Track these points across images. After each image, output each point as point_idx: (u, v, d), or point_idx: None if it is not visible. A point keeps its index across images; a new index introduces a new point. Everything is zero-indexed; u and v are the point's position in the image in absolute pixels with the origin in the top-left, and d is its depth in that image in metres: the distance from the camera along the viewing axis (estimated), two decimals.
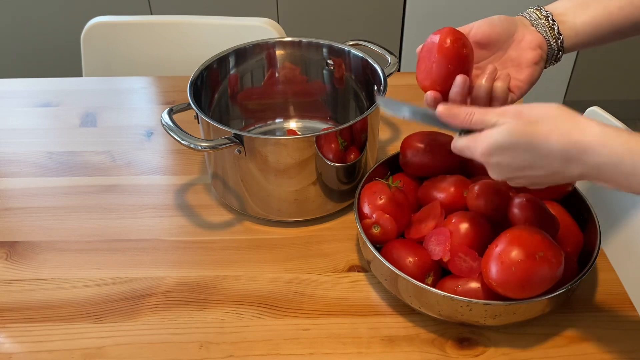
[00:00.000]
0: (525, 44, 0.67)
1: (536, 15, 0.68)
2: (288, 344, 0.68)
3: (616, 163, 0.51)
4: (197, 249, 0.81)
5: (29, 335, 0.69)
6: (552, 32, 0.67)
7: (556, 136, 0.53)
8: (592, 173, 0.53)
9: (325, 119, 1.01)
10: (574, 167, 0.53)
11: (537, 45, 0.67)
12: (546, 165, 0.55)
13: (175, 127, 0.75)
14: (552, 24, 0.67)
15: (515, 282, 0.61)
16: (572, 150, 0.52)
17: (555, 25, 0.67)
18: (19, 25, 2.11)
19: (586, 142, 0.52)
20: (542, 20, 0.68)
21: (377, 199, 0.73)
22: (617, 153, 0.51)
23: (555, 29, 0.67)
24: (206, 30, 1.30)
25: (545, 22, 0.68)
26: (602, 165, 0.52)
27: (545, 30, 0.67)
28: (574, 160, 0.53)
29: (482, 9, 2.02)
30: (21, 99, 1.11)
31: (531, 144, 0.54)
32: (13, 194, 0.90)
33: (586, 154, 0.52)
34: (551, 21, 0.67)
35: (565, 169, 0.54)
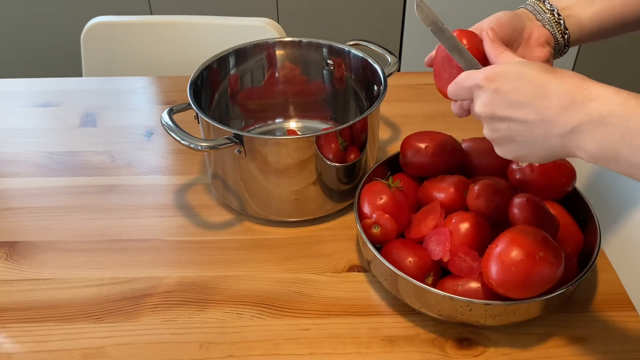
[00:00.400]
0: (534, 41, 0.66)
1: (540, 8, 0.67)
2: (288, 344, 0.68)
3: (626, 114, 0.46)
4: (197, 249, 0.81)
5: (29, 335, 0.69)
6: (559, 28, 0.66)
7: (570, 79, 0.50)
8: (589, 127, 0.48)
9: (325, 119, 1.01)
10: (572, 115, 0.48)
11: (545, 41, 0.66)
12: (542, 107, 0.50)
13: (175, 127, 0.75)
14: (558, 19, 0.66)
15: (515, 282, 0.61)
16: (580, 95, 0.48)
17: (562, 20, 0.66)
18: (19, 25, 2.11)
19: (598, 90, 0.48)
20: (546, 14, 0.67)
21: (377, 199, 0.73)
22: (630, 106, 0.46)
23: (562, 24, 0.66)
24: (206, 30, 1.30)
25: (551, 17, 0.66)
26: (608, 115, 0.47)
27: (552, 26, 0.66)
28: (576, 106, 0.48)
29: (482, 9, 2.02)
30: (21, 99, 1.11)
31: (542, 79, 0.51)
32: (13, 194, 0.90)
33: (594, 101, 0.48)
34: (557, 15, 0.66)
35: (560, 117, 0.49)
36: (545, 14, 0.67)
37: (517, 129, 0.52)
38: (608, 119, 0.47)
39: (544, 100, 0.50)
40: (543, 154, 0.53)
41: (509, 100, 0.52)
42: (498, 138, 0.55)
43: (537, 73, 0.52)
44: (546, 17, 0.67)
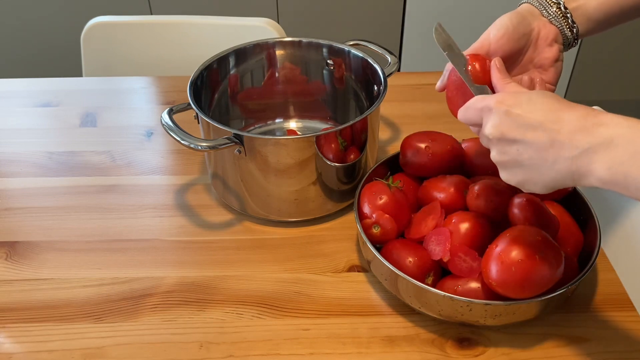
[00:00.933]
0: (542, 41, 0.66)
1: (546, 2, 0.66)
2: (288, 344, 0.68)
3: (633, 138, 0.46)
4: (197, 249, 0.81)
5: (29, 335, 0.69)
6: (566, 22, 0.65)
7: (581, 107, 0.51)
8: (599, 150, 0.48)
9: (325, 119, 1.01)
10: (582, 138, 0.48)
11: (553, 39, 0.66)
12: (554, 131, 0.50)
13: (175, 127, 0.75)
14: (565, 13, 0.65)
15: (515, 282, 0.61)
16: (589, 121, 0.49)
17: (569, 13, 0.65)
18: (19, 25, 2.11)
19: (607, 117, 0.49)
20: (552, 8, 0.65)
21: (377, 199, 0.73)
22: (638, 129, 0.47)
23: (569, 18, 0.65)
24: (206, 30, 1.30)
25: (557, 11, 0.65)
26: (617, 137, 0.47)
27: (559, 21, 0.65)
28: (586, 131, 0.48)
29: (482, 9, 2.02)
30: (21, 99, 1.11)
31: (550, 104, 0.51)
32: (13, 194, 0.90)
33: (603, 126, 0.48)
34: (563, 9, 0.65)
35: (571, 140, 0.49)
36: (551, 8, 0.65)
37: (527, 151, 0.52)
38: (617, 141, 0.47)
39: (555, 124, 0.50)
40: (549, 179, 0.52)
41: (521, 122, 0.52)
42: (506, 161, 0.54)
43: (548, 100, 0.52)
44: (552, 12, 0.65)
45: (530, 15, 0.66)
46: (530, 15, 0.66)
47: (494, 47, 0.65)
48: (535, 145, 0.51)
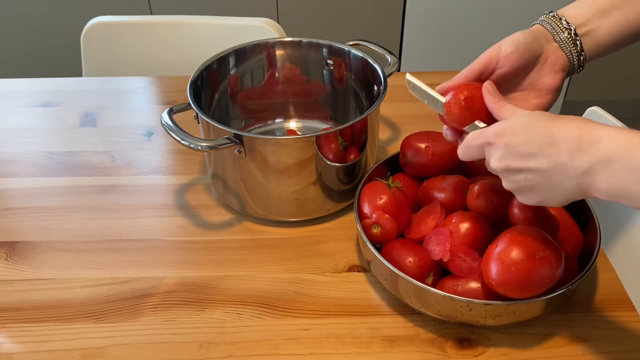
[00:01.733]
0: (549, 66, 0.65)
1: (557, 26, 0.65)
2: (288, 344, 0.68)
3: (629, 153, 0.48)
4: (197, 249, 0.81)
5: (29, 335, 0.69)
6: (575, 49, 0.65)
7: (574, 124, 0.52)
8: (598, 169, 0.50)
9: (325, 119, 1.01)
10: (582, 158, 0.50)
11: (560, 68, 0.65)
12: (553, 155, 0.52)
13: (175, 127, 0.75)
14: (575, 39, 0.64)
15: (515, 282, 0.61)
16: (585, 138, 0.50)
17: (578, 41, 0.64)
18: (19, 25, 2.11)
19: (602, 131, 0.50)
20: (564, 33, 0.64)
21: (377, 199, 0.73)
22: (633, 144, 0.48)
23: (579, 46, 0.65)
24: (206, 30, 1.30)
25: (568, 37, 0.64)
26: (613, 154, 0.49)
27: (569, 48, 0.65)
28: (584, 149, 0.50)
29: (482, 9, 2.02)
30: (21, 99, 1.11)
31: (545, 127, 0.53)
32: (13, 194, 0.90)
33: (599, 143, 0.49)
34: (574, 35, 0.64)
35: (571, 162, 0.51)
36: (562, 33, 0.65)
37: (534, 177, 0.54)
38: (614, 158, 0.49)
39: (553, 148, 0.52)
40: (562, 197, 0.54)
41: (521, 152, 0.54)
42: (518, 188, 0.57)
43: (542, 123, 0.54)
44: (563, 37, 0.65)
45: (543, 37, 0.65)
46: (543, 37, 0.65)
47: (502, 62, 0.65)
48: (540, 172, 0.53)
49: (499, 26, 2.00)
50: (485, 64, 0.65)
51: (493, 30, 2.02)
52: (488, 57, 0.65)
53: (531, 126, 0.54)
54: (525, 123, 0.55)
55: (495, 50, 0.65)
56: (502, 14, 1.98)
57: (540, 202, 0.57)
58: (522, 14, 1.96)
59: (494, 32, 2.05)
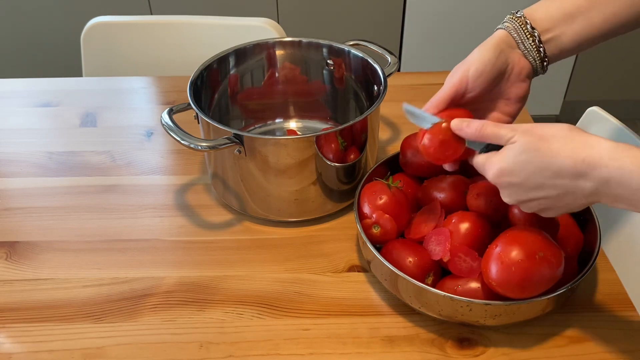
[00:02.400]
0: (515, 76, 0.67)
1: (522, 32, 0.66)
2: (288, 344, 0.68)
3: (625, 177, 0.51)
4: (197, 249, 0.81)
5: (29, 335, 0.69)
6: (539, 55, 0.66)
7: (566, 153, 0.53)
8: (601, 189, 0.53)
9: (325, 119, 1.01)
10: (584, 183, 0.53)
11: (525, 75, 0.67)
12: (557, 184, 0.55)
13: (175, 127, 0.75)
14: (538, 46, 0.66)
15: (515, 282, 0.61)
16: (582, 166, 0.53)
17: (542, 48, 0.66)
18: (19, 25, 2.11)
19: (595, 157, 0.52)
20: (528, 40, 0.66)
21: (377, 199, 0.73)
22: (626, 167, 0.51)
23: (542, 52, 0.66)
24: (206, 30, 1.30)
25: (532, 44, 0.66)
26: (611, 179, 0.52)
27: (533, 56, 0.66)
28: (584, 176, 0.53)
29: (482, 9, 2.02)
30: (21, 99, 1.11)
31: (542, 162, 0.55)
32: (13, 194, 0.90)
33: (595, 169, 0.52)
34: (537, 42, 0.66)
35: (576, 186, 0.54)
36: (527, 40, 0.66)
37: (547, 202, 0.57)
38: (612, 182, 0.52)
39: (556, 179, 0.55)
40: (577, 208, 0.58)
41: (526, 187, 0.57)
42: (537, 211, 0.59)
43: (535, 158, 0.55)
44: (528, 44, 0.66)
45: (508, 47, 0.67)
46: (508, 47, 0.67)
47: (471, 86, 0.67)
48: (551, 197, 0.56)
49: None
50: (456, 90, 0.67)
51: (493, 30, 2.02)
52: (457, 84, 0.66)
53: (526, 163, 0.56)
54: (521, 161, 0.56)
55: (463, 76, 0.66)
56: (502, 14, 1.98)
57: (557, 215, 0.60)
58: None
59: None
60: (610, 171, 0.51)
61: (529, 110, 1.07)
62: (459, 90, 0.66)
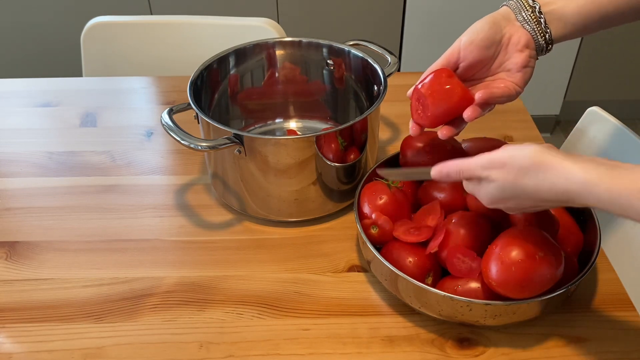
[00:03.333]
0: (512, 46, 0.67)
1: (522, 4, 0.66)
2: (288, 344, 0.68)
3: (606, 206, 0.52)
4: (197, 249, 0.81)
5: (29, 335, 0.69)
6: (539, 27, 0.66)
7: (545, 189, 0.54)
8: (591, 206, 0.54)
9: (325, 119, 1.01)
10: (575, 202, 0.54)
11: (524, 45, 0.67)
12: (547, 204, 0.57)
13: (175, 127, 0.75)
14: (538, 17, 0.65)
15: (515, 282, 0.61)
16: (563, 197, 0.54)
17: (543, 18, 0.65)
18: (19, 25, 2.11)
19: (573, 191, 0.53)
20: (527, 11, 0.66)
21: (377, 199, 0.73)
22: (603, 201, 0.51)
23: (542, 23, 0.66)
24: (206, 30, 1.30)
25: (532, 15, 0.66)
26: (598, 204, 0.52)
27: (532, 27, 0.66)
28: (571, 201, 0.54)
29: (482, 9, 2.02)
30: (21, 99, 1.11)
31: (526, 194, 0.56)
32: (13, 194, 0.90)
33: (576, 199, 0.53)
34: (537, 13, 0.65)
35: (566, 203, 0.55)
36: (526, 11, 0.66)
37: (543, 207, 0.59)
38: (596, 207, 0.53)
39: (544, 202, 0.56)
40: None
41: (518, 208, 0.59)
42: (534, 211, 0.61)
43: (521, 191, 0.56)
44: (527, 16, 0.66)
45: (505, 20, 0.67)
46: (505, 20, 0.67)
47: (463, 54, 0.68)
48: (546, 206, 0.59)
49: None
50: (447, 59, 0.68)
51: None
52: (449, 53, 0.68)
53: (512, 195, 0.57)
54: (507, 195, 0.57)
55: (455, 45, 0.68)
56: None
57: None
58: None
59: None
60: (590, 202, 0.53)
61: (529, 110, 1.08)
62: (450, 60, 0.68)
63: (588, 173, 0.51)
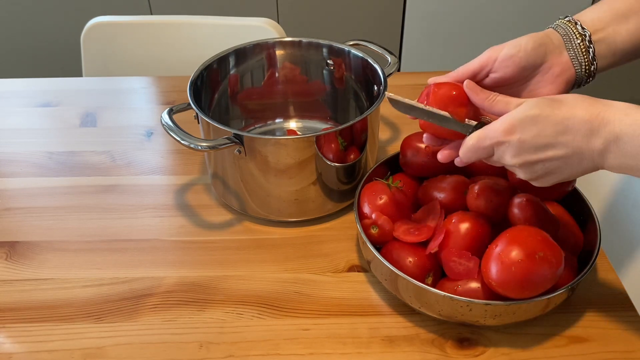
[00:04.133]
0: (550, 76, 0.63)
1: (571, 31, 0.62)
2: (288, 344, 0.68)
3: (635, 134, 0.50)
4: (197, 249, 0.81)
5: (29, 335, 0.69)
6: (587, 58, 0.62)
7: (581, 108, 0.53)
8: (611, 148, 0.52)
9: (325, 119, 1.01)
10: (596, 140, 0.52)
11: (564, 80, 0.63)
12: (569, 141, 0.54)
13: (175, 127, 0.75)
14: (588, 47, 0.61)
15: (515, 282, 0.61)
16: (596, 121, 0.52)
17: (592, 49, 0.61)
18: (19, 25, 2.11)
19: (609, 113, 0.52)
20: (577, 39, 0.61)
21: (377, 199, 0.73)
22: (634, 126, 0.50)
23: (591, 54, 0.62)
24: (206, 30, 1.30)
25: (581, 44, 0.61)
26: (623, 136, 0.51)
27: (580, 59, 0.62)
28: (597, 132, 0.52)
29: (482, 9, 2.02)
30: (21, 99, 1.11)
31: (556, 115, 0.53)
32: (13, 194, 0.90)
33: (609, 123, 0.52)
34: (588, 43, 0.61)
35: (588, 144, 0.53)
36: (576, 39, 0.62)
37: (553, 164, 0.56)
38: (624, 138, 0.52)
39: (567, 134, 0.54)
40: (577, 174, 0.57)
41: (536, 145, 0.55)
42: (536, 177, 0.58)
43: (549, 111, 0.54)
44: (576, 44, 0.62)
45: (552, 44, 0.62)
46: (552, 44, 0.62)
47: (498, 66, 0.63)
48: (558, 158, 0.55)
49: (499, 26, 2.01)
50: (482, 64, 0.64)
51: (493, 30, 2.02)
52: (486, 58, 0.64)
53: (540, 117, 0.54)
54: (533, 115, 0.54)
55: (494, 52, 0.63)
56: (502, 14, 1.98)
57: (555, 182, 0.58)
58: (522, 14, 1.96)
59: (494, 32, 2.05)
60: (622, 127, 0.51)
61: None
62: (485, 67, 0.63)
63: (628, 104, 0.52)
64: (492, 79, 0.64)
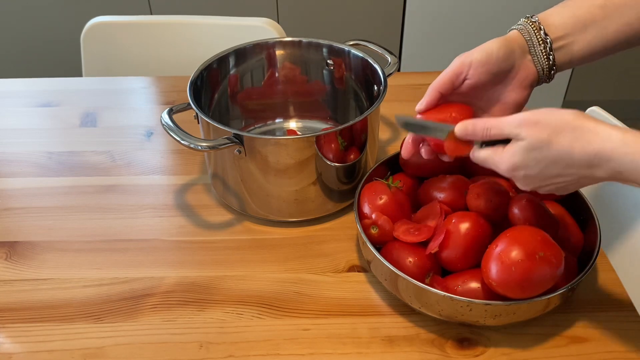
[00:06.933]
0: (517, 82, 0.66)
1: (535, 37, 0.65)
2: (288, 344, 0.68)
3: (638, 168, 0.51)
4: (197, 249, 0.81)
5: (29, 335, 0.69)
6: (547, 63, 0.65)
7: (578, 147, 0.53)
8: (617, 176, 0.54)
9: (325, 119, 1.01)
10: (599, 171, 0.54)
11: (529, 84, 0.66)
12: (573, 172, 0.56)
13: (175, 127, 0.75)
14: (548, 53, 0.65)
15: (515, 282, 0.61)
16: (595, 159, 0.53)
17: (552, 55, 0.65)
18: (19, 25, 2.11)
19: (607, 151, 0.52)
20: (540, 46, 0.65)
21: (377, 199, 0.73)
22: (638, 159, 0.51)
23: (551, 60, 0.65)
24: (206, 30, 1.30)
25: (543, 51, 0.65)
26: (625, 171, 0.52)
27: (542, 63, 0.65)
28: (598, 166, 0.53)
29: (482, 9, 2.02)
30: (21, 99, 1.11)
31: (554, 156, 0.55)
32: (13, 194, 0.90)
33: (609, 162, 0.53)
34: (548, 50, 0.65)
35: (592, 173, 0.55)
36: (538, 46, 0.65)
37: (563, 184, 0.58)
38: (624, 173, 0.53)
39: (572, 168, 0.55)
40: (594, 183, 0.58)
41: (543, 177, 0.57)
42: (551, 191, 0.60)
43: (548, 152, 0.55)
44: (538, 50, 0.65)
45: (519, 49, 0.65)
46: (519, 49, 0.65)
47: (472, 72, 0.66)
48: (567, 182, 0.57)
49: (498, 26, 2.00)
50: (455, 73, 0.66)
51: (493, 30, 2.02)
52: (459, 65, 0.66)
53: (539, 158, 0.55)
54: (533, 157, 0.56)
55: (466, 59, 0.65)
56: (502, 13, 1.98)
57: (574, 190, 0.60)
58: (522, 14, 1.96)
59: (493, 33, 2.05)
60: (622, 164, 0.52)
61: None
62: (459, 75, 0.66)
63: (626, 133, 0.52)
64: (468, 85, 0.67)
